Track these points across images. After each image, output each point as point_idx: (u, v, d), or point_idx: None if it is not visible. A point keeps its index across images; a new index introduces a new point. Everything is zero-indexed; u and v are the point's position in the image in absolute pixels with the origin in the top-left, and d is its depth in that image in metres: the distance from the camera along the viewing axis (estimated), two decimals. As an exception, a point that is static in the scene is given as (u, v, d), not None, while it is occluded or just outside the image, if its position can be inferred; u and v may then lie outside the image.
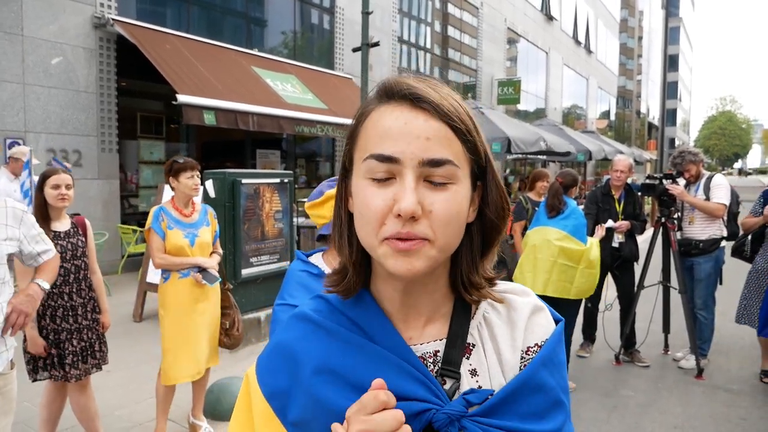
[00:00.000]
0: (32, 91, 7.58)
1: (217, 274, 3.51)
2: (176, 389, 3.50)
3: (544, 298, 4.25)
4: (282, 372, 0.76)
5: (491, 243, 0.79)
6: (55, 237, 3.04)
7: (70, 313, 3.10)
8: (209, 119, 7.77)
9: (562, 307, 4.41)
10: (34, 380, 3.07)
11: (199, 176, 3.49)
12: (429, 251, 0.68)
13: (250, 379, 0.80)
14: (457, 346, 0.76)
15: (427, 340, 0.77)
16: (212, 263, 3.50)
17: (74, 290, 3.12)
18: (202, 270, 3.42)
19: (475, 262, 0.77)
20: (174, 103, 7.36)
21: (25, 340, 3.05)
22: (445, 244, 0.70)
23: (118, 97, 8.54)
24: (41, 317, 3.02)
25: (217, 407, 3.81)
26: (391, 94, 0.72)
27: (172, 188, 3.46)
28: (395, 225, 0.67)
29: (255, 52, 10.89)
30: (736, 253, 4.95)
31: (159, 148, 10.31)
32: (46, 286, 2.48)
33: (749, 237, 4.74)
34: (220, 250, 3.70)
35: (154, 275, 6.11)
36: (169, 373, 3.35)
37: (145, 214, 9.60)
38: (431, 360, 0.76)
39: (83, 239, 3.20)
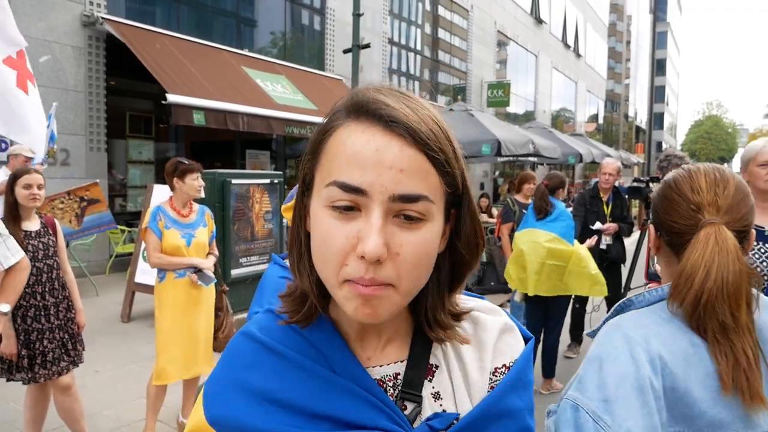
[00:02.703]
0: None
1: (212, 275, 3.51)
2: (166, 391, 3.49)
3: (535, 297, 4.32)
4: (232, 398, 0.68)
5: (460, 278, 0.72)
6: (26, 237, 2.99)
7: (42, 313, 3.04)
8: (199, 119, 7.75)
9: (550, 308, 4.45)
10: (9, 380, 3.01)
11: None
12: (392, 297, 0.62)
13: (198, 425, 0.71)
14: (419, 367, 0.72)
15: (387, 362, 0.72)
16: (208, 264, 3.50)
17: (47, 290, 3.07)
18: (198, 271, 3.42)
19: (441, 298, 0.71)
20: (164, 102, 7.33)
21: None
22: (409, 289, 0.63)
23: (107, 96, 8.49)
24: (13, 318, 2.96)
25: (205, 407, 3.80)
26: (362, 110, 0.62)
27: (173, 189, 3.46)
28: (358, 268, 0.60)
29: (245, 52, 10.87)
30: None
31: (148, 148, 10.26)
32: (6, 309, 2.39)
33: None
34: (216, 252, 3.70)
35: (142, 275, 6.08)
36: (162, 373, 3.34)
37: (134, 214, 9.59)
38: (391, 384, 0.71)
39: (53, 238, 3.16)
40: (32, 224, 3.09)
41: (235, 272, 5.40)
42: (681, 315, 1.05)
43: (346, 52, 9.86)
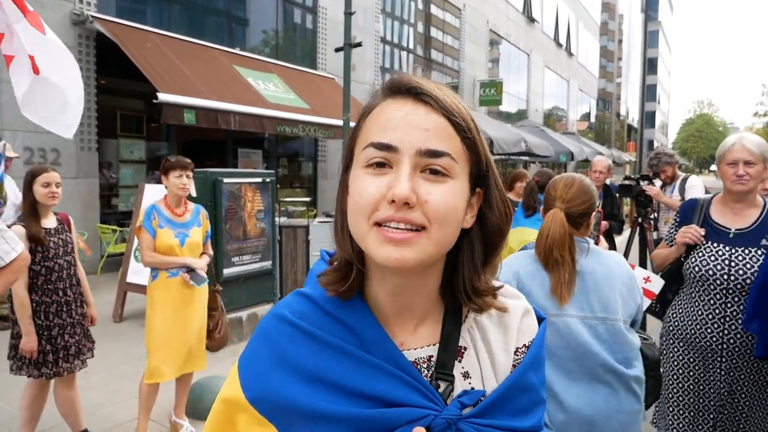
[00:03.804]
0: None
1: (205, 275, 3.50)
2: (158, 390, 3.48)
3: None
4: (272, 376, 0.73)
5: (495, 247, 0.77)
6: (47, 234, 3.08)
7: (64, 309, 3.14)
8: (189, 118, 7.71)
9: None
10: (30, 376, 3.08)
11: (191, 176, 3.48)
12: (424, 243, 0.67)
13: (231, 397, 0.76)
14: (450, 349, 0.77)
15: (420, 345, 0.78)
16: (201, 264, 3.49)
17: (67, 285, 3.16)
18: (190, 270, 3.41)
19: (476, 268, 0.76)
20: (155, 101, 7.30)
21: (13, 337, 3.06)
22: (441, 237, 0.68)
23: (97, 95, 8.44)
24: (33, 314, 3.03)
25: (198, 406, 3.80)
26: (395, 89, 0.72)
27: (166, 187, 3.47)
28: (389, 210, 0.66)
29: (237, 51, 10.83)
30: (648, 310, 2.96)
31: (139, 147, 10.20)
32: None
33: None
34: (211, 251, 3.70)
35: (134, 275, 6.06)
36: (154, 372, 3.34)
37: (125, 213, 9.54)
38: (425, 365, 0.77)
39: (70, 235, 3.25)
40: (50, 221, 3.16)
41: (227, 271, 5.39)
42: (537, 254, 1.90)
43: (338, 50, 9.83)
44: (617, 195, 5.44)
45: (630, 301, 1.91)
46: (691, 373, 2.48)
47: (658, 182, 5.27)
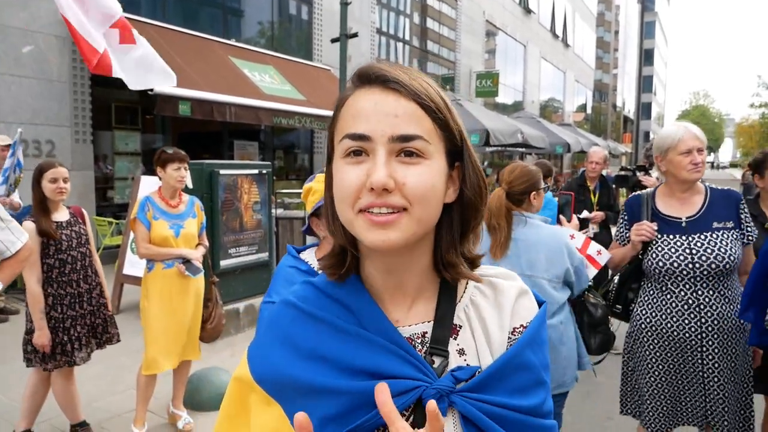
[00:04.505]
0: (3, 80, 7.41)
1: (200, 266, 3.50)
2: (156, 381, 3.49)
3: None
4: (275, 355, 0.78)
5: (469, 222, 0.80)
6: (58, 227, 3.12)
7: (77, 300, 3.19)
8: (184, 110, 7.68)
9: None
10: (45, 369, 3.13)
11: (187, 169, 3.48)
12: (406, 222, 0.70)
13: (243, 375, 0.80)
14: (445, 326, 0.78)
15: (414, 322, 0.79)
16: (196, 255, 3.50)
17: (81, 277, 3.21)
18: (185, 261, 3.42)
19: (454, 241, 0.79)
20: (150, 93, 7.25)
21: (28, 332, 3.09)
22: (423, 215, 0.71)
23: (92, 86, 8.39)
24: (50, 308, 3.08)
25: (195, 397, 3.81)
26: (364, 79, 0.75)
27: (160, 178, 3.46)
28: (369, 197, 0.69)
29: (232, 42, 10.78)
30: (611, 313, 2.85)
31: (134, 139, 10.16)
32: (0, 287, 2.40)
33: (615, 281, 2.79)
34: (206, 242, 3.71)
35: (130, 267, 6.05)
36: (151, 363, 3.35)
37: (121, 206, 9.51)
38: (419, 341, 0.78)
39: (84, 227, 3.30)
40: (61, 215, 3.21)
41: (224, 263, 5.38)
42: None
43: (334, 41, 9.80)
44: (614, 186, 5.45)
45: (557, 264, 2.38)
46: (670, 366, 2.46)
47: (654, 173, 5.28)
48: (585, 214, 5.13)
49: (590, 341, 2.61)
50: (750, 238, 2.46)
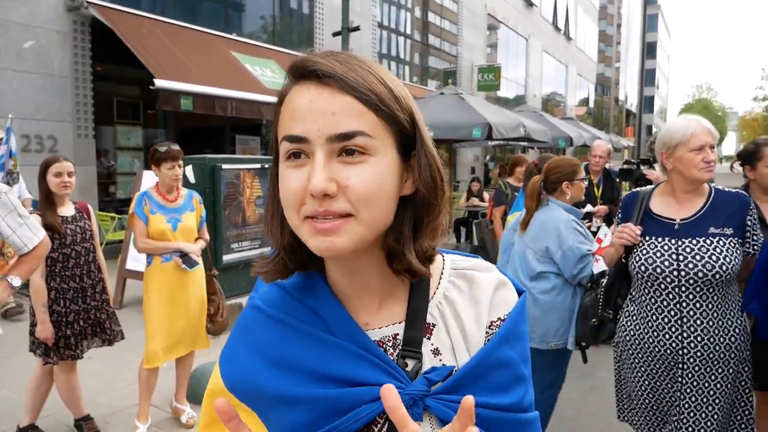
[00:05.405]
0: (4, 75, 7.40)
1: (197, 259, 3.50)
2: (159, 376, 3.50)
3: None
4: (244, 362, 0.75)
5: (422, 218, 0.73)
6: (63, 221, 3.14)
7: (80, 295, 3.21)
8: (186, 104, 7.67)
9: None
10: (47, 363, 3.15)
11: (182, 165, 3.48)
12: (353, 228, 0.66)
13: (215, 388, 0.80)
14: (417, 326, 0.74)
15: (385, 324, 0.76)
16: (194, 248, 3.49)
17: (84, 272, 3.23)
18: (183, 255, 3.41)
19: (403, 236, 0.71)
20: (151, 87, 7.25)
21: (32, 325, 3.11)
22: (371, 218, 0.66)
23: (93, 81, 8.38)
24: (53, 302, 3.10)
25: (198, 391, 3.81)
26: (298, 74, 0.69)
27: (157, 175, 3.46)
28: (312, 204, 0.65)
29: (234, 36, 10.75)
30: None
31: (136, 134, 10.16)
32: (17, 283, 2.38)
33: (602, 288, 2.63)
34: (207, 236, 3.70)
35: (133, 262, 6.05)
36: (152, 356, 3.36)
37: (124, 201, 9.52)
38: (390, 344, 0.75)
39: (89, 222, 3.31)
40: (67, 209, 3.23)
41: (226, 258, 5.38)
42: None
43: (335, 35, 9.78)
44: (617, 179, 5.43)
45: (541, 239, 2.88)
46: (652, 379, 2.30)
47: (658, 166, 5.26)
48: (588, 208, 5.12)
49: (580, 327, 2.83)
50: (755, 248, 2.22)
